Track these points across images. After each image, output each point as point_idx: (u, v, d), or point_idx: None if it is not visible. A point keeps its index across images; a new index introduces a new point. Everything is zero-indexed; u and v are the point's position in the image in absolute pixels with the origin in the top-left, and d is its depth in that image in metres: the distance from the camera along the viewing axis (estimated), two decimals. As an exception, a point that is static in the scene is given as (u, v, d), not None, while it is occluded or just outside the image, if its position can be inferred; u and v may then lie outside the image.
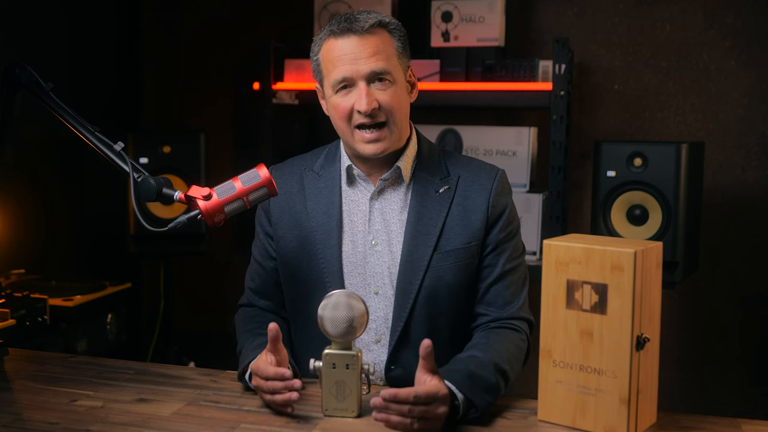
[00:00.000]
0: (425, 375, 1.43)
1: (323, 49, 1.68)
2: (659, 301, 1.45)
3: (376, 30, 1.65)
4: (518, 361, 1.64)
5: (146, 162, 2.92)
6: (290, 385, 1.47)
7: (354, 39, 1.64)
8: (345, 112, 1.66)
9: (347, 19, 1.65)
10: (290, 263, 1.76)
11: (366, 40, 1.63)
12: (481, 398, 1.46)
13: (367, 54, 1.63)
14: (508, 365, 1.56)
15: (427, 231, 1.68)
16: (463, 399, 1.43)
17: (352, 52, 1.63)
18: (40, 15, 2.97)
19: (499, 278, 1.71)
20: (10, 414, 1.48)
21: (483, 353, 1.57)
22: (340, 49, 1.64)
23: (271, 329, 1.49)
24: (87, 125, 1.65)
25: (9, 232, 2.51)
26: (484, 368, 1.51)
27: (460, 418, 1.45)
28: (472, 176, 1.74)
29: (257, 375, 1.52)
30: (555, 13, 3.17)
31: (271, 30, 3.36)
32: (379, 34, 1.65)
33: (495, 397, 1.51)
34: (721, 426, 1.46)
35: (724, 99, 3.02)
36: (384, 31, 1.67)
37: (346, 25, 1.64)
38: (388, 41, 1.67)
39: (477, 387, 1.46)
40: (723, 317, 3.07)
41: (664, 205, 2.51)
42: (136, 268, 3.56)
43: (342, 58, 1.64)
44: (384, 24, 1.67)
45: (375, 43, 1.64)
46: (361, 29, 1.63)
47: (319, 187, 1.77)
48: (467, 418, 1.46)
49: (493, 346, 1.60)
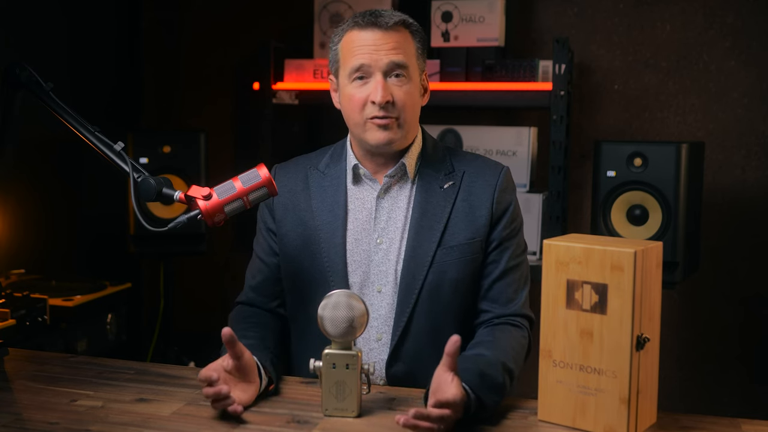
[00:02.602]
0: (446, 374, 1.40)
1: (344, 39, 1.71)
2: (659, 301, 1.45)
3: (399, 28, 1.68)
4: (521, 359, 1.66)
5: (146, 162, 2.92)
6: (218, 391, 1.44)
7: (377, 32, 1.66)
8: (359, 103, 1.67)
9: (372, 14, 1.68)
10: (293, 261, 1.76)
11: (388, 35, 1.66)
12: (491, 399, 1.47)
13: (388, 47, 1.66)
14: (514, 363, 1.58)
15: (431, 226, 1.69)
16: (475, 399, 1.44)
17: (374, 44, 1.66)
18: (40, 15, 2.97)
19: (503, 275, 1.71)
20: (10, 414, 1.47)
21: (490, 352, 1.57)
22: (362, 39, 1.67)
23: (224, 334, 1.47)
24: (87, 125, 1.65)
25: (9, 232, 2.50)
26: (493, 367, 1.52)
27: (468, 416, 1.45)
28: (477, 172, 1.75)
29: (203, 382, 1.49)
30: (555, 13, 3.17)
31: (271, 30, 3.36)
32: (401, 32, 1.68)
33: (502, 396, 1.51)
34: (721, 426, 1.46)
35: (724, 99, 3.02)
36: (406, 30, 1.70)
37: (371, 18, 1.67)
38: (409, 40, 1.70)
39: (487, 387, 1.47)
40: (723, 317, 3.07)
41: (664, 205, 2.51)
42: (136, 268, 3.56)
43: (362, 48, 1.66)
44: (407, 24, 1.71)
45: (397, 39, 1.67)
46: (386, 24, 1.66)
47: (324, 186, 1.77)
48: (474, 416, 1.46)
49: (500, 344, 1.61)
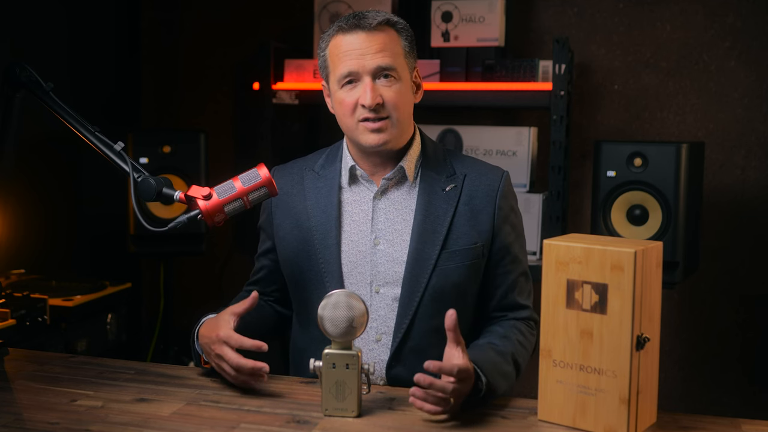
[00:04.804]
0: (454, 349, 1.43)
1: (331, 44, 1.69)
2: (659, 301, 1.45)
3: (384, 28, 1.67)
4: (528, 356, 1.70)
5: (146, 162, 2.92)
6: (258, 368, 1.49)
7: (362, 35, 1.65)
8: (350, 107, 1.67)
9: (356, 16, 1.66)
10: (291, 264, 1.76)
11: (374, 37, 1.65)
12: (501, 383, 1.51)
13: (374, 50, 1.64)
14: (521, 358, 1.64)
15: (434, 229, 1.69)
16: (486, 382, 1.47)
17: (360, 48, 1.64)
18: (40, 15, 2.97)
19: (515, 284, 1.75)
20: (10, 414, 1.47)
21: (501, 342, 1.63)
22: (348, 44, 1.65)
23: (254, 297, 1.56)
24: (87, 125, 1.65)
25: (9, 232, 2.50)
26: (503, 356, 1.58)
27: (478, 399, 1.48)
28: (478, 176, 1.75)
29: (227, 344, 1.52)
30: (555, 13, 3.16)
31: (271, 30, 3.36)
32: (386, 32, 1.67)
33: (510, 385, 1.57)
34: (721, 426, 1.46)
35: (724, 99, 3.02)
36: (392, 29, 1.69)
37: (355, 21, 1.66)
38: (395, 39, 1.68)
39: (497, 373, 1.51)
40: (723, 317, 3.07)
41: (664, 205, 2.51)
42: (136, 268, 3.56)
43: (349, 53, 1.65)
44: (392, 23, 1.69)
45: (382, 40, 1.65)
46: (369, 26, 1.65)
47: (319, 187, 1.77)
48: (483, 400, 1.49)
49: (510, 338, 1.66)
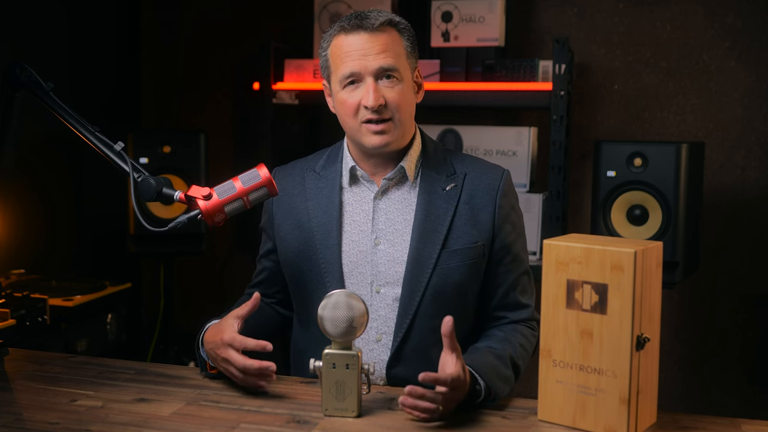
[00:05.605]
0: (449, 355, 1.44)
1: (332, 45, 1.69)
2: (659, 301, 1.45)
3: (386, 28, 1.66)
4: (528, 358, 1.71)
5: (146, 162, 2.92)
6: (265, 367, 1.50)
7: (364, 35, 1.64)
8: (352, 108, 1.66)
9: (357, 17, 1.66)
10: (292, 264, 1.76)
11: (375, 37, 1.64)
12: (500, 387, 1.52)
13: (376, 50, 1.64)
14: (521, 360, 1.65)
15: (435, 228, 1.69)
16: (485, 386, 1.49)
17: (362, 48, 1.64)
18: (40, 15, 2.97)
19: (516, 284, 1.74)
20: (10, 414, 1.47)
21: (500, 345, 1.64)
22: (350, 44, 1.65)
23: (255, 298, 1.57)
24: (87, 125, 1.65)
25: (9, 232, 2.50)
26: (502, 359, 1.58)
27: (477, 403, 1.50)
28: (478, 175, 1.74)
29: (232, 346, 1.53)
30: (555, 13, 3.16)
31: (271, 30, 3.36)
32: (388, 32, 1.67)
33: (509, 388, 1.57)
34: (721, 426, 1.46)
35: (724, 99, 3.02)
36: (393, 29, 1.68)
37: (357, 21, 1.65)
38: (397, 40, 1.68)
39: (496, 376, 1.53)
40: (723, 317, 3.07)
41: (664, 205, 2.51)
42: (136, 268, 3.56)
43: (351, 54, 1.64)
44: (394, 23, 1.69)
45: (384, 41, 1.65)
46: (371, 26, 1.64)
47: (320, 187, 1.77)
48: (483, 404, 1.51)
49: (510, 340, 1.67)
